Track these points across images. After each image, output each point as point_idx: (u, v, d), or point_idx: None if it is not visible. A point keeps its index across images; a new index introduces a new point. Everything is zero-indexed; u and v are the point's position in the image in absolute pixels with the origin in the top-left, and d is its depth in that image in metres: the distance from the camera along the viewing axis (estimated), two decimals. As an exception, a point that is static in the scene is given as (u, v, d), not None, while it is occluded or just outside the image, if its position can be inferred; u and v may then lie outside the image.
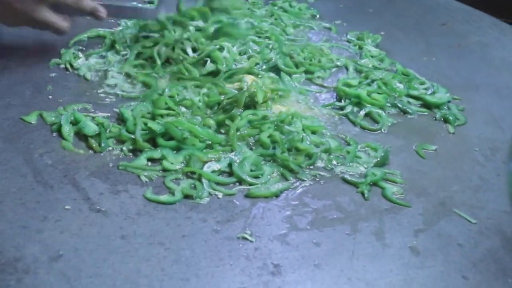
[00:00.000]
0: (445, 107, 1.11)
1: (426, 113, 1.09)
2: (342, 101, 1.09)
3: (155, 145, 0.88)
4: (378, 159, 0.93)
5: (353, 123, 1.03)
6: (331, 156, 0.92)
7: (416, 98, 1.12)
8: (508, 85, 1.24)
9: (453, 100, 1.15)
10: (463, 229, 0.81)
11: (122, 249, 0.70)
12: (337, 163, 0.91)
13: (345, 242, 0.76)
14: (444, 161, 0.96)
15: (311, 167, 0.89)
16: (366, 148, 0.96)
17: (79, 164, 0.84)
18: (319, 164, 0.90)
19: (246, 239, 0.74)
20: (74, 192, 0.78)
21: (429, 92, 1.14)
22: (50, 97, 1.00)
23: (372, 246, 0.76)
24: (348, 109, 1.06)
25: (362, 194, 0.85)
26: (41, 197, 0.77)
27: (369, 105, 1.07)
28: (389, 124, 1.05)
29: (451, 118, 1.07)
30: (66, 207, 0.76)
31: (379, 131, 1.03)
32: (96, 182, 0.81)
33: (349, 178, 0.87)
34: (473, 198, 0.88)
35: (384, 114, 1.06)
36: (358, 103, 1.07)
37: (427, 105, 1.11)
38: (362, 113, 1.05)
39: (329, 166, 0.90)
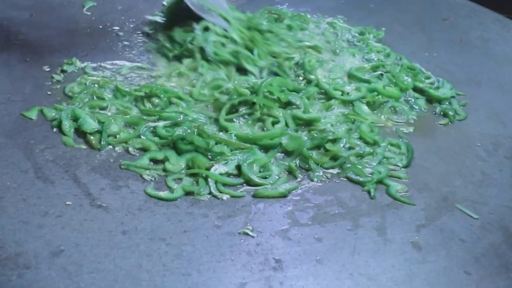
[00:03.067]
0: (447, 102, 1.11)
1: (425, 110, 1.09)
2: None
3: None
4: (406, 156, 0.93)
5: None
6: (362, 160, 0.90)
7: (420, 91, 1.12)
8: (510, 80, 1.23)
9: (457, 95, 1.15)
10: (466, 224, 0.81)
11: (123, 245, 0.70)
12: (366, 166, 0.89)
13: (347, 238, 0.76)
14: (446, 157, 0.96)
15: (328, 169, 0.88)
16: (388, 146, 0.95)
17: (80, 159, 0.84)
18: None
19: (247, 234, 0.74)
20: (75, 188, 0.78)
21: (434, 86, 1.14)
22: (49, 93, 0.99)
23: (374, 241, 0.76)
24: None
25: (368, 192, 0.84)
26: (42, 192, 0.77)
27: (389, 99, 1.07)
28: (414, 117, 1.05)
29: (450, 113, 1.07)
30: (67, 202, 0.75)
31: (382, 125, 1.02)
32: (97, 177, 0.81)
33: (354, 177, 0.87)
34: (476, 193, 0.88)
35: (406, 108, 1.06)
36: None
37: (430, 99, 1.11)
38: (388, 105, 1.06)
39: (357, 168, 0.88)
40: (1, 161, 0.81)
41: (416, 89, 1.13)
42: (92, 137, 0.87)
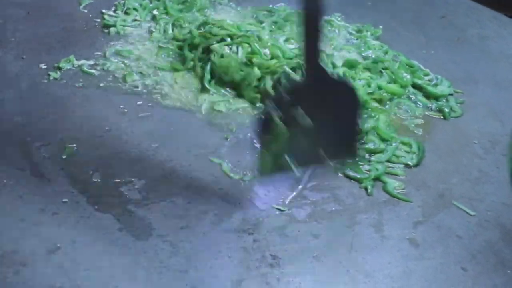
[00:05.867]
0: (443, 99, 1.11)
1: (429, 106, 1.09)
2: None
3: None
4: (417, 154, 0.93)
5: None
6: (372, 157, 0.90)
7: (419, 88, 1.12)
8: (508, 78, 1.23)
9: (456, 93, 1.15)
10: (462, 221, 0.81)
11: (120, 242, 0.70)
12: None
13: (344, 234, 0.76)
14: (443, 154, 0.96)
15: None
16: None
17: (76, 157, 0.84)
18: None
19: (244, 231, 0.74)
20: (71, 185, 0.78)
21: (433, 83, 1.14)
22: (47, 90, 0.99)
23: (371, 238, 0.76)
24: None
25: (365, 189, 0.85)
26: (38, 190, 0.76)
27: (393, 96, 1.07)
28: (419, 114, 1.05)
29: (446, 110, 1.07)
30: (64, 200, 0.75)
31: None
32: (94, 174, 0.81)
33: (351, 174, 0.87)
34: (472, 191, 0.88)
35: (413, 104, 1.07)
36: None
37: (427, 96, 1.12)
38: (394, 102, 1.06)
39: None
40: (-3, 159, 0.81)
41: (414, 86, 1.13)
42: None
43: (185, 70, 1.08)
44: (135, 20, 1.26)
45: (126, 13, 1.29)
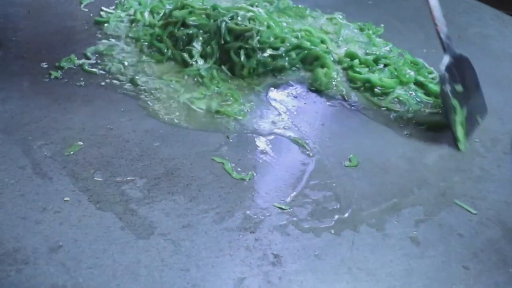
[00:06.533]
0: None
1: (430, 103, 1.09)
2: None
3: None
4: None
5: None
6: None
7: (420, 85, 1.13)
8: (509, 77, 1.23)
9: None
10: (464, 219, 0.81)
11: (122, 240, 0.70)
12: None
13: (345, 233, 0.76)
14: (444, 152, 0.96)
15: None
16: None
17: (77, 155, 0.84)
18: None
19: (246, 230, 0.74)
20: (73, 184, 0.78)
21: (435, 81, 1.15)
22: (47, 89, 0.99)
23: (372, 236, 0.76)
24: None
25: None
26: (40, 188, 0.77)
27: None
28: (416, 109, 1.06)
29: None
30: (65, 198, 0.75)
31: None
32: (95, 173, 0.81)
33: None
34: (474, 189, 0.88)
35: (412, 100, 1.08)
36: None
37: (428, 94, 1.12)
38: (391, 96, 1.08)
39: None
40: (-1, 157, 0.81)
41: (416, 83, 1.13)
42: None
43: (166, 59, 1.10)
44: (129, 15, 1.27)
45: (124, 11, 1.29)
